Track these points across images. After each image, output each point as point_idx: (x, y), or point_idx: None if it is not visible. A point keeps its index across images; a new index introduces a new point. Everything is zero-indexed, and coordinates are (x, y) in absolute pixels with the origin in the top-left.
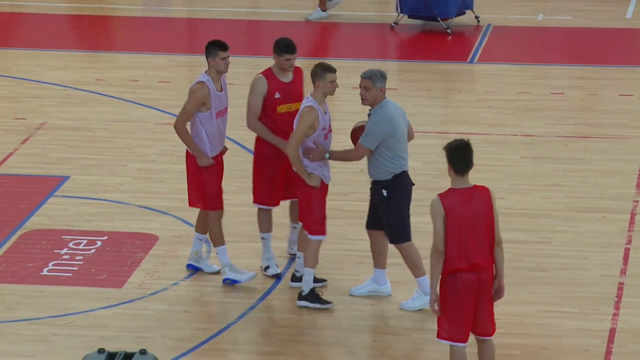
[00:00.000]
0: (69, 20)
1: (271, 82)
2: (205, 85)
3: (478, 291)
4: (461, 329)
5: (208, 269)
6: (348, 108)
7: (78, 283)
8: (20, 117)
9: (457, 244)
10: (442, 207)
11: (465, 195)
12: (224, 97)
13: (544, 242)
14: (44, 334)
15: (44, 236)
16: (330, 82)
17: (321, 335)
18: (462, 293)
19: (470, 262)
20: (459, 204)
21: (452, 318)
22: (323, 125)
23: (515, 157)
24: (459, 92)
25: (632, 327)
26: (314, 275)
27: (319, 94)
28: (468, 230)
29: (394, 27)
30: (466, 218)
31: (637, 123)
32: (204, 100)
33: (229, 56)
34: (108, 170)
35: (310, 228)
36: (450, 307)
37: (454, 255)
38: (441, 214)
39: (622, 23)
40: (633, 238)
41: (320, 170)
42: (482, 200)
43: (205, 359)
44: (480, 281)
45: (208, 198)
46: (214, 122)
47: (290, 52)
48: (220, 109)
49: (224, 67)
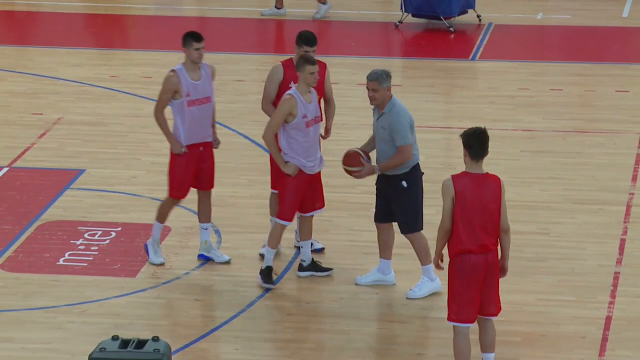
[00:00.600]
0: (84, 19)
1: (288, 71)
2: (177, 74)
3: (485, 272)
4: (469, 310)
5: (218, 259)
6: (353, 104)
7: (93, 272)
8: (38, 112)
9: (466, 226)
10: (453, 188)
11: (477, 180)
12: (203, 86)
13: (543, 233)
14: (60, 322)
15: (60, 227)
16: (310, 74)
17: (328, 323)
18: (472, 274)
19: (479, 244)
20: (470, 187)
21: (460, 300)
22: (303, 113)
23: (516, 151)
24: (461, 88)
25: (627, 315)
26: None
27: (302, 85)
28: (477, 213)
29: (399, 26)
30: (475, 201)
31: (633, 118)
32: (175, 88)
33: (203, 47)
34: (122, 163)
35: (279, 212)
36: (459, 289)
37: (464, 236)
38: (451, 194)
39: (618, 22)
40: (629, 229)
41: (299, 160)
42: (492, 187)
43: (216, 345)
44: (487, 262)
45: (172, 184)
46: (187, 110)
47: (310, 45)
48: (196, 98)
49: (197, 57)
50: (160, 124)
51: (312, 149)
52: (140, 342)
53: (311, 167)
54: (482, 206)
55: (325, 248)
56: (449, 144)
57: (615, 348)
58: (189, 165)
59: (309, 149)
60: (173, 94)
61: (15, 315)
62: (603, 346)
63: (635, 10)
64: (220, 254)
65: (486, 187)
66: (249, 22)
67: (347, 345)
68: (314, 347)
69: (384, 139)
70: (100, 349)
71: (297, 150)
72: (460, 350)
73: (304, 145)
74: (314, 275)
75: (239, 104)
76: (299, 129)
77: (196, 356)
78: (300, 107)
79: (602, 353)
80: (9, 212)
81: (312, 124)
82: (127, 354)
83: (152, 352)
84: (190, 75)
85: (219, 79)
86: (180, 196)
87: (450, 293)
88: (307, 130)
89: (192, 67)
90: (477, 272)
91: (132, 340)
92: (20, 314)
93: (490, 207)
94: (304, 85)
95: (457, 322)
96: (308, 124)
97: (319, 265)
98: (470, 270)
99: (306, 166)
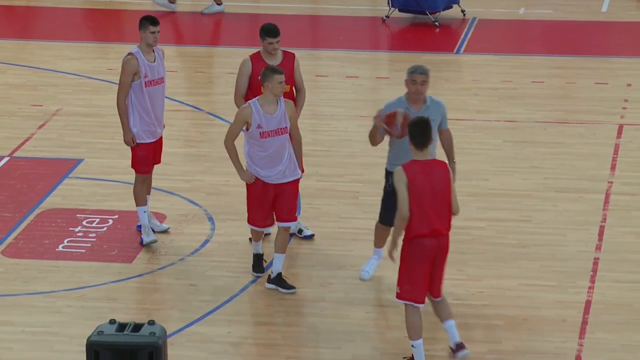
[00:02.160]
0: (82, 14)
1: (256, 63)
2: (134, 56)
3: (436, 255)
4: (420, 291)
5: (157, 227)
6: (342, 95)
7: (91, 258)
8: (37, 104)
9: (419, 212)
10: (405, 175)
11: (426, 166)
12: (157, 68)
13: (524, 221)
14: (59, 306)
15: (59, 215)
16: (279, 83)
17: (318, 307)
18: (424, 257)
19: (432, 228)
20: (420, 174)
21: (413, 281)
22: (258, 123)
23: (499, 141)
24: (446, 81)
25: (606, 299)
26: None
27: (267, 95)
28: (428, 198)
29: (386, 20)
30: (426, 187)
31: (611, 109)
32: (135, 70)
33: (158, 31)
34: (119, 153)
35: (247, 216)
36: (413, 271)
37: (418, 222)
38: (404, 182)
39: (598, 16)
40: (608, 216)
41: (254, 169)
42: (441, 172)
43: (210, 329)
44: (439, 246)
45: (135, 160)
46: (145, 91)
47: (272, 36)
48: (152, 79)
49: (152, 40)
50: (121, 110)
51: (272, 159)
52: (136, 326)
53: (269, 177)
54: (434, 191)
55: (314, 235)
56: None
57: (595, 331)
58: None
59: (268, 159)
60: (132, 77)
61: (15, 299)
62: (583, 329)
63: (614, 5)
64: (159, 223)
65: (435, 173)
66: (240, 17)
67: (338, 328)
68: (305, 331)
69: None
70: (98, 332)
71: (255, 159)
72: (412, 325)
73: (261, 154)
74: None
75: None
76: (254, 139)
77: (191, 339)
78: (255, 117)
79: (582, 336)
80: (9, 200)
81: (272, 135)
82: (123, 337)
83: (148, 335)
84: (146, 57)
85: (212, 71)
86: (146, 172)
87: (403, 274)
88: (264, 141)
89: (147, 50)
90: (429, 254)
91: (128, 323)
92: (20, 298)
93: (441, 191)
94: (270, 96)
95: (410, 301)
96: (263, 135)
97: (285, 282)
98: (423, 254)
99: (261, 175)
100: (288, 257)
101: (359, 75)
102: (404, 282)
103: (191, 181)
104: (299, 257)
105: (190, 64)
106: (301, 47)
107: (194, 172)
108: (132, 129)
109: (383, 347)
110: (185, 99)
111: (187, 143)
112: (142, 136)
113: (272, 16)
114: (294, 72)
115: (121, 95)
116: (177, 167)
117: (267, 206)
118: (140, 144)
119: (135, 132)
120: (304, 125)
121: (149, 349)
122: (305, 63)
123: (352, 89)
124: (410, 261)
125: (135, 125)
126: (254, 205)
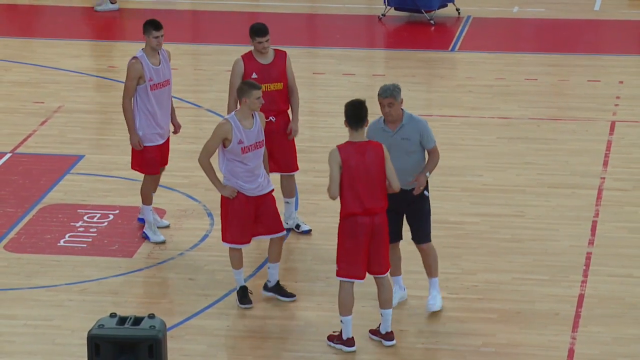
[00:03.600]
0: (83, 13)
1: (248, 63)
2: (139, 60)
3: (372, 233)
4: (356, 268)
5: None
6: (338, 93)
7: (92, 253)
8: (40, 101)
9: (351, 191)
10: (339, 156)
11: (360, 148)
12: (162, 71)
13: (518, 216)
14: (61, 300)
15: (60, 210)
16: (257, 99)
17: (315, 301)
18: (358, 235)
19: (364, 207)
20: (354, 155)
21: (349, 258)
22: (239, 139)
23: (493, 137)
24: (441, 78)
25: (598, 293)
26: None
27: (244, 110)
28: (361, 178)
29: (382, 19)
30: (360, 168)
31: (604, 106)
32: (140, 74)
33: (162, 35)
34: (120, 149)
35: (224, 236)
36: (348, 249)
37: (350, 201)
38: (338, 162)
39: (590, 15)
40: (600, 212)
41: (237, 182)
42: (375, 154)
43: (209, 322)
44: (373, 224)
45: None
46: (151, 94)
47: (261, 35)
48: (157, 82)
49: (156, 44)
50: (126, 111)
51: (254, 172)
52: (137, 319)
53: (252, 190)
54: (367, 172)
55: (312, 230)
56: None
57: (587, 324)
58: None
59: (249, 173)
60: (137, 80)
61: (18, 293)
62: (576, 323)
63: (606, 3)
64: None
65: (369, 153)
66: (240, 16)
67: (335, 322)
68: (303, 324)
69: (406, 150)
70: (98, 326)
71: (236, 173)
72: (343, 301)
73: (243, 168)
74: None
75: None
76: (235, 154)
77: (190, 332)
78: (235, 133)
79: (575, 329)
80: (12, 196)
81: (252, 149)
82: (124, 330)
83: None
84: (151, 61)
85: (210, 69)
86: (155, 172)
87: (340, 251)
88: (245, 156)
89: (151, 53)
90: (363, 232)
91: (129, 317)
92: (22, 292)
93: (374, 172)
94: (247, 110)
95: (347, 277)
96: (244, 150)
97: (284, 290)
98: (356, 231)
99: (245, 189)
100: (285, 251)
101: (355, 73)
102: (341, 260)
103: (190, 177)
104: (297, 252)
105: (189, 62)
106: (298, 45)
107: (193, 168)
108: (138, 132)
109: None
110: (185, 96)
111: (187, 139)
112: (149, 138)
113: (270, 15)
114: (286, 70)
115: (126, 99)
116: (176, 163)
117: (249, 221)
118: (147, 147)
119: (142, 135)
120: (301, 122)
121: (149, 342)
122: (303, 61)
123: (349, 86)
124: (345, 239)
125: (141, 128)
126: (234, 222)
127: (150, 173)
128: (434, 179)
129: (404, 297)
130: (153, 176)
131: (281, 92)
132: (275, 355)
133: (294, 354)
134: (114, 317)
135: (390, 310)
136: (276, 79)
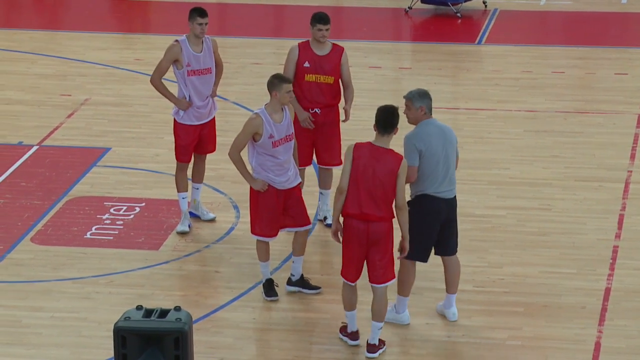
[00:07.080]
0: (109, 5)
1: (303, 51)
2: (179, 44)
3: (368, 240)
4: (350, 269)
5: (205, 216)
6: (365, 85)
7: (118, 245)
8: (66, 93)
9: (353, 191)
10: (353, 153)
11: (376, 152)
12: (204, 58)
13: (545, 209)
14: (87, 292)
15: (87, 203)
16: (287, 92)
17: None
18: (352, 237)
19: (361, 210)
20: (368, 157)
21: (344, 260)
22: (269, 133)
23: (519, 130)
24: (467, 71)
25: (625, 286)
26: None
27: (274, 104)
28: (366, 181)
29: (408, 12)
30: (367, 171)
31: (631, 99)
32: (176, 57)
33: (206, 23)
34: (146, 142)
35: (253, 228)
36: (344, 249)
37: (349, 200)
38: (350, 158)
39: (617, 7)
40: (627, 205)
41: (268, 176)
42: (389, 163)
43: (235, 315)
44: (369, 231)
45: (176, 149)
46: (188, 80)
47: (323, 23)
48: (196, 69)
49: (199, 32)
50: (157, 86)
51: (284, 166)
52: (163, 312)
53: (282, 183)
54: (373, 177)
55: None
56: (455, 124)
57: (614, 318)
58: (190, 131)
59: (280, 167)
60: (175, 63)
61: (45, 285)
62: (602, 316)
63: None
64: (207, 211)
65: (383, 161)
66: (264, 8)
67: (360, 315)
68: (329, 317)
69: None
70: (125, 318)
71: (267, 166)
72: (345, 298)
73: (273, 162)
74: (301, 292)
75: (255, 86)
76: (265, 149)
77: (216, 325)
78: (266, 127)
79: (602, 323)
80: (39, 188)
81: (282, 143)
82: (150, 322)
83: (174, 321)
84: (193, 48)
85: (236, 61)
86: (186, 160)
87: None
88: (275, 150)
89: (195, 41)
90: (357, 236)
91: (155, 309)
92: (49, 284)
93: (382, 179)
94: (277, 104)
95: (343, 277)
96: (275, 144)
97: (308, 283)
98: (351, 234)
99: (275, 182)
100: (311, 243)
101: (381, 66)
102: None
103: (217, 170)
104: (322, 245)
105: None
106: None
107: (219, 161)
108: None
109: (404, 332)
110: None
111: None
112: (185, 118)
113: (296, 7)
114: (341, 66)
115: (155, 74)
116: None
117: (279, 214)
118: (183, 126)
119: (181, 115)
120: None
121: (175, 334)
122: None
123: (375, 79)
124: (343, 240)
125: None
126: (264, 215)
127: (181, 161)
128: (460, 172)
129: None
130: (182, 164)
131: (331, 87)
132: (301, 348)
133: (320, 347)
134: (140, 310)
135: (377, 324)
136: (328, 72)
